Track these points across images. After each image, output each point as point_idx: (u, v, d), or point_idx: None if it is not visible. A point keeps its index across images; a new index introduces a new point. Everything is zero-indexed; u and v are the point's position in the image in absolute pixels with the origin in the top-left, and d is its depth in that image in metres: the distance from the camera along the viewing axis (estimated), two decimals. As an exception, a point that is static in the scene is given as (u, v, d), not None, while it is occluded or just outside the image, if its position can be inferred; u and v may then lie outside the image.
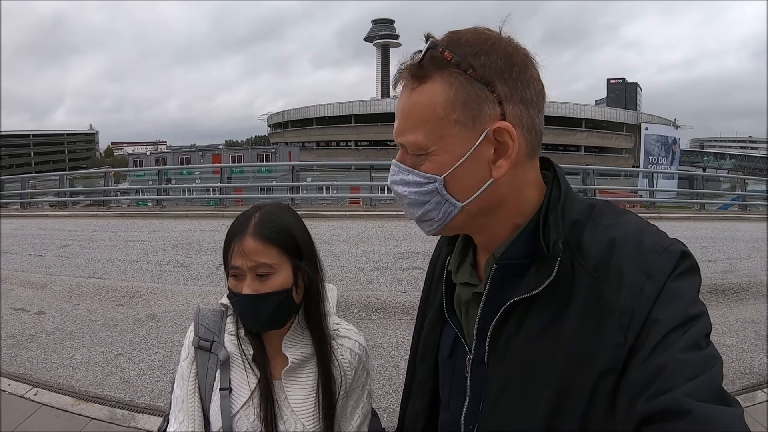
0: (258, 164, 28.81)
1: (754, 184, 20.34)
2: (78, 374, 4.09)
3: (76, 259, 8.04)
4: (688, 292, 0.71)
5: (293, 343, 1.27)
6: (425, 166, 0.79)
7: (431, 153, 0.78)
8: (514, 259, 0.82)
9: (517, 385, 0.78)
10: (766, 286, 6.52)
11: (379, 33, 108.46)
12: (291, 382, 1.26)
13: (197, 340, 1.25)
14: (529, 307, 0.78)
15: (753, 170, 62.16)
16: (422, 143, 0.78)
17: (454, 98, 0.75)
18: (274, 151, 39.46)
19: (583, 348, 0.71)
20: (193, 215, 13.05)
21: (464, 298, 0.92)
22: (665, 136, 41.15)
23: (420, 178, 0.80)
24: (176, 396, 1.23)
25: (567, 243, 0.77)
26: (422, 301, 1.12)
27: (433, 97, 0.76)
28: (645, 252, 0.73)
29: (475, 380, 0.88)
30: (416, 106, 0.78)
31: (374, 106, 68.81)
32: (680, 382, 0.62)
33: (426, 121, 0.77)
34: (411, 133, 0.79)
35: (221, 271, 1.27)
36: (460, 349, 0.93)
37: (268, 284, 1.16)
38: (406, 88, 0.79)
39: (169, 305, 5.75)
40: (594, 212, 0.82)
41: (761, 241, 10.00)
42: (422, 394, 1.05)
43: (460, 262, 0.96)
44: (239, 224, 1.20)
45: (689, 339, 0.66)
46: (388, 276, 6.73)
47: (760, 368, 4.34)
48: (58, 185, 16.85)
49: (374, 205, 14.04)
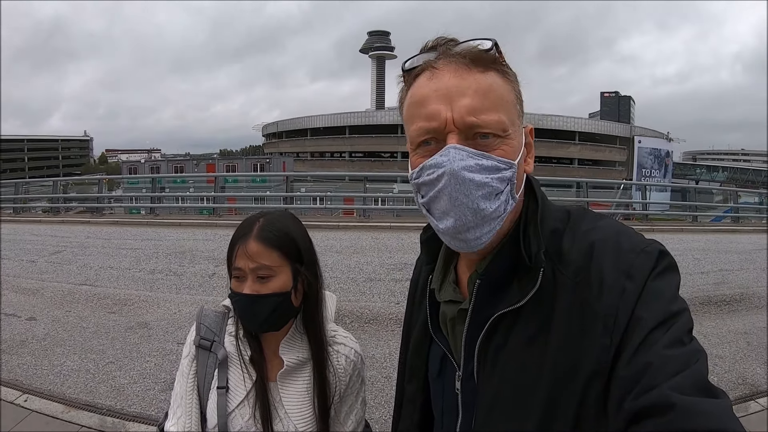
0: (252, 174, 28.85)
1: (747, 197, 20.50)
2: (69, 381, 4.05)
3: (68, 266, 7.99)
4: (668, 289, 0.72)
5: (290, 347, 1.30)
6: (500, 150, 0.76)
7: (508, 136, 0.77)
8: (496, 274, 0.82)
9: (509, 396, 0.78)
10: (767, 297, 6.57)
11: (375, 45, 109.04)
12: (286, 385, 1.29)
13: (198, 339, 1.29)
14: (515, 319, 0.79)
15: (745, 182, 62.80)
16: (505, 123, 0.76)
17: (516, 92, 0.80)
18: (268, 161, 39.57)
19: (570, 354, 0.72)
20: (187, 224, 12.99)
21: (450, 315, 0.92)
22: (658, 149, 41.56)
23: (499, 162, 0.75)
24: (176, 392, 1.27)
25: (547, 252, 0.78)
26: (406, 322, 1.12)
27: (507, 84, 0.78)
28: (624, 253, 0.74)
29: (466, 396, 0.89)
30: (495, 86, 0.77)
31: (369, 118, 68.82)
32: (665, 378, 0.63)
33: (507, 102, 0.78)
34: (493, 111, 0.75)
35: (214, 280, 1.28)
36: (449, 366, 0.93)
37: (268, 286, 1.20)
38: (466, 71, 0.76)
39: (161, 314, 5.72)
40: (571, 219, 0.83)
41: (754, 252, 10.08)
42: (412, 413, 1.05)
43: (442, 280, 0.95)
44: (244, 228, 1.24)
45: (672, 335, 0.67)
46: (381, 287, 6.72)
47: (753, 379, 4.36)
48: (52, 191, 16.75)
49: (368, 217, 14.05)
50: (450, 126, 0.75)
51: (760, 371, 4.52)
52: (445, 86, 0.75)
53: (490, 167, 0.74)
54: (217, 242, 9.96)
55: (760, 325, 5.67)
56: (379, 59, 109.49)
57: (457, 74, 0.76)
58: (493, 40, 0.78)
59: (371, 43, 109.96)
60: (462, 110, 0.74)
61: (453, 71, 0.76)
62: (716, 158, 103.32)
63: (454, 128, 0.75)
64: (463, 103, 0.74)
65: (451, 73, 0.76)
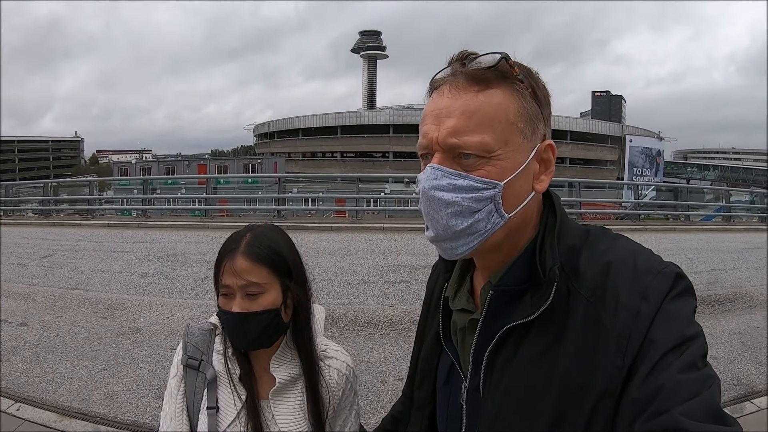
0: (244, 175, 28.76)
1: (738, 195, 20.66)
2: (61, 389, 4.00)
3: (59, 270, 7.93)
4: (684, 313, 0.71)
5: (281, 363, 1.28)
6: (482, 170, 0.77)
7: (495, 157, 0.77)
8: (510, 285, 0.82)
9: (513, 411, 0.77)
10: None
11: (366, 44, 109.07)
12: (278, 402, 1.27)
13: (185, 358, 1.26)
14: (525, 334, 0.78)
15: (736, 181, 63.33)
16: (490, 144, 0.76)
17: (523, 109, 0.78)
18: (260, 161, 39.49)
19: (581, 372, 0.72)
20: (179, 226, 12.96)
21: (460, 324, 0.92)
22: (649, 148, 41.81)
23: (477, 183, 0.76)
24: (165, 413, 1.23)
25: (563, 268, 0.78)
26: (420, 326, 1.11)
27: (506, 102, 0.77)
28: (640, 274, 0.74)
29: (470, 408, 0.88)
30: (487, 107, 0.77)
31: (360, 118, 68.83)
32: (677, 403, 0.63)
33: (497, 122, 0.77)
34: (477, 133, 0.76)
35: (206, 283, 1.26)
36: (456, 376, 0.93)
37: (258, 303, 1.17)
38: (469, 89, 0.78)
39: (154, 318, 5.67)
40: (590, 237, 0.83)
41: (746, 252, 10.18)
42: (420, 420, 1.04)
43: (457, 288, 0.96)
44: (230, 243, 1.21)
45: (686, 360, 0.66)
46: (375, 289, 6.72)
47: (747, 379, 4.37)
48: (42, 193, 16.60)
49: (360, 218, 14.05)
50: (435, 145, 0.78)
51: (754, 371, 4.54)
52: (438, 106, 0.79)
53: (464, 187, 0.76)
54: (209, 244, 9.94)
55: (754, 325, 5.71)
56: (371, 59, 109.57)
57: (451, 94, 0.78)
58: (502, 55, 0.78)
59: (362, 43, 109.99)
60: (445, 132, 0.77)
61: (449, 90, 0.79)
62: (707, 157, 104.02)
63: (439, 148, 0.78)
64: (448, 125, 0.77)
65: (447, 93, 0.79)
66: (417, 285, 6.89)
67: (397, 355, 4.71)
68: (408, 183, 19.58)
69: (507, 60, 0.78)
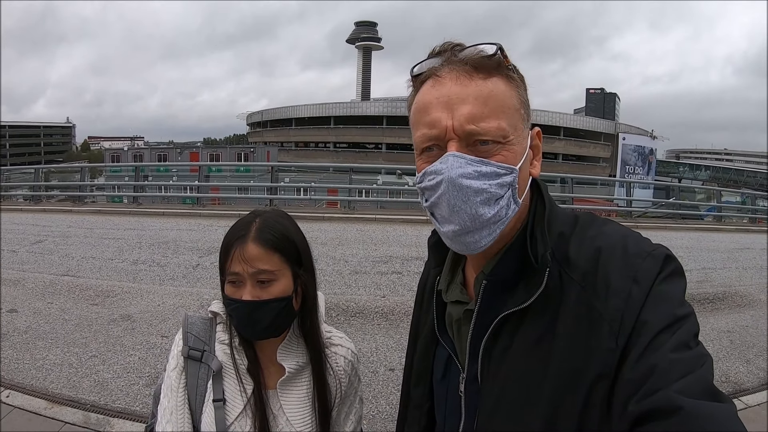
0: (236, 164, 28.62)
1: (729, 196, 20.82)
2: (51, 376, 3.98)
3: (50, 256, 7.86)
4: (674, 294, 0.72)
5: (288, 352, 1.25)
6: (500, 156, 0.77)
7: (509, 142, 0.78)
8: (503, 274, 0.83)
9: (512, 398, 0.78)
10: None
11: (362, 35, 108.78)
12: (286, 392, 1.24)
13: (187, 349, 1.21)
14: (520, 321, 0.79)
15: (728, 182, 63.77)
16: (506, 130, 0.77)
17: (521, 96, 0.81)
18: (252, 150, 39.20)
19: (575, 357, 0.72)
20: (170, 213, 12.85)
21: (455, 316, 0.92)
22: (642, 147, 41.93)
23: (499, 168, 0.76)
24: (163, 407, 1.18)
25: (554, 254, 0.79)
26: (413, 324, 1.11)
27: (511, 89, 0.79)
28: (630, 258, 0.75)
29: (469, 398, 0.88)
30: (496, 93, 0.77)
31: (354, 109, 68.63)
32: (671, 381, 0.64)
33: (508, 108, 0.78)
34: (493, 118, 0.76)
35: (198, 271, 1.23)
36: (453, 368, 0.93)
37: (269, 291, 1.14)
38: (469, 78, 0.77)
39: (145, 306, 5.65)
40: (578, 223, 0.84)
41: (736, 251, 10.30)
42: (419, 418, 1.04)
43: (449, 281, 0.96)
44: (239, 229, 1.17)
45: (678, 339, 0.67)
46: (366, 280, 6.73)
47: (736, 377, 4.45)
48: (33, 179, 16.45)
49: (353, 208, 14.03)
50: (450, 134, 0.77)
51: (743, 369, 4.61)
52: (446, 94, 0.77)
53: (489, 173, 0.76)
54: (200, 232, 9.91)
55: (742, 324, 5.80)
56: (366, 50, 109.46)
57: (458, 81, 0.77)
58: (497, 45, 0.79)
59: (358, 34, 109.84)
60: (461, 118, 0.76)
61: (455, 78, 0.78)
62: (699, 157, 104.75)
63: (454, 136, 0.77)
64: (463, 111, 0.76)
65: (453, 81, 0.78)
66: (408, 276, 6.91)
67: (388, 345, 4.72)
68: (400, 175, 19.54)
69: (502, 51, 0.79)
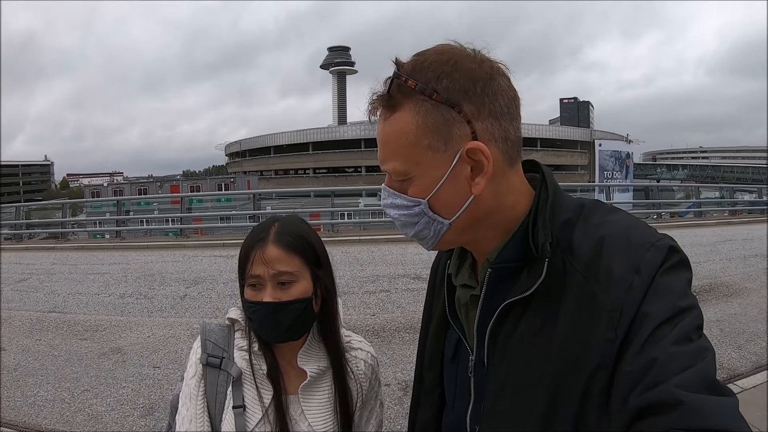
0: (218, 193, 28.50)
1: (707, 192, 21.21)
2: (44, 412, 3.90)
3: (35, 293, 7.74)
4: (677, 285, 0.71)
5: (309, 356, 1.23)
6: (410, 189, 0.81)
7: (412, 178, 0.80)
8: (506, 263, 0.83)
9: (515, 385, 0.78)
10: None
11: (335, 60, 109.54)
12: (308, 396, 1.22)
13: (205, 357, 1.20)
14: (524, 309, 0.79)
15: (705, 179, 64.90)
16: (401, 170, 0.80)
17: (423, 124, 0.76)
18: (233, 180, 39.13)
19: (575, 346, 0.72)
20: (154, 246, 12.74)
21: (463, 300, 0.92)
22: (618, 151, 42.39)
23: (407, 201, 0.82)
24: (182, 416, 1.16)
25: (558, 243, 0.78)
26: (426, 310, 1.11)
27: (404, 126, 0.77)
28: (633, 248, 0.73)
29: (478, 380, 0.88)
30: (390, 135, 0.80)
31: (332, 134, 69.03)
32: (671, 374, 0.62)
33: (401, 148, 0.78)
34: (391, 160, 0.81)
35: (186, 302, 1.22)
36: (463, 350, 0.93)
37: (290, 292, 1.14)
38: (381, 117, 0.81)
39: (135, 338, 5.57)
40: (584, 211, 0.82)
41: (718, 244, 10.56)
42: (432, 402, 1.04)
43: (459, 265, 0.96)
44: (258, 233, 1.17)
45: (680, 331, 0.66)
46: (355, 300, 6.72)
47: (729, 363, 4.55)
48: (14, 217, 16.22)
49: (336, 231, 14.10)
50: None
51: (735, 355, 4.72)
52: (377, 132, 0.84)
53: (399, 205, 0.83)
54: (186, 263, 9.83)
55: (730, 312, 5.95)
56: (340, 74, 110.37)
57: (380, 121, 0.82)
58: (393, 75, 0.78)
59: (331, 59, 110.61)
60: (379, 159, 0.84)
61: (380, 117, 0.82)
62: (675, 157, 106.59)
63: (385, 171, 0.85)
64: (378, 152, 0.84)
65: (379, 119, 0.82)
66: (397, 294, 6.90)
67: (381, 362, 4.64)
68: (382, 196, 19.63)
69: (399, 77, 0.77)
